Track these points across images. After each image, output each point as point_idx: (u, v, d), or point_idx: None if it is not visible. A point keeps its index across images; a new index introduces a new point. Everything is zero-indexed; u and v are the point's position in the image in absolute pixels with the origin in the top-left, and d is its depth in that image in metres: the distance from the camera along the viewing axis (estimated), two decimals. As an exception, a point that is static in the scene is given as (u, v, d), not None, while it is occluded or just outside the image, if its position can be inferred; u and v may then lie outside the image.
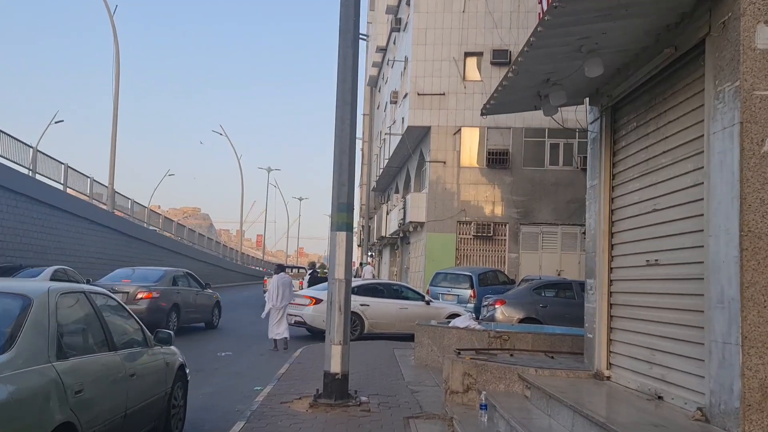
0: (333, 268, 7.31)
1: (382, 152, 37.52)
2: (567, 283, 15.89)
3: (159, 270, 16.63)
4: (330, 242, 7.37)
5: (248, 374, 10.33)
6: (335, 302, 7.22)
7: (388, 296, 16.11)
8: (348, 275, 7.32)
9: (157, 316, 14.31)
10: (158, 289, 14.85)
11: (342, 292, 7.24)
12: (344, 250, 7.31)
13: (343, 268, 7.28)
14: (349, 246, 7.37)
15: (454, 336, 10.40)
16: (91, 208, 26.01)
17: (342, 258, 7.30)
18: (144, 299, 14.35)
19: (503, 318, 14.59)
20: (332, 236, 7.35)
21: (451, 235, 25.29)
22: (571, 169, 25.13)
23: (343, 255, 7.30)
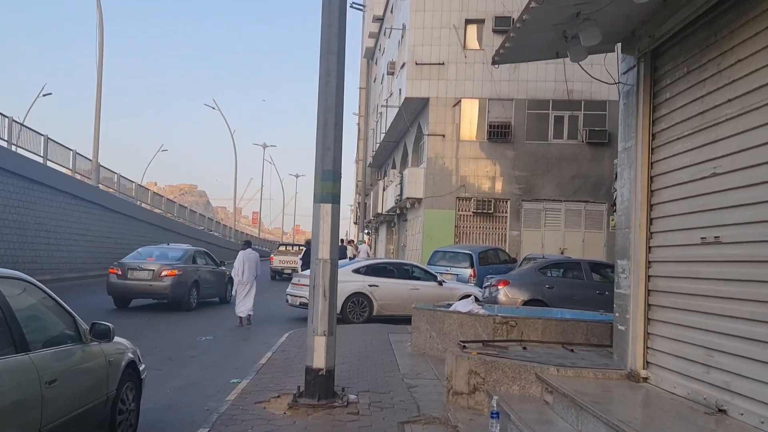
0: (316, 247, 6.21)
1: (379, 126, 36.24)
2: (575, 262, 14.83)
3: (180, 249, 17.23)
4: (313, 216, 6.26)
5: (227, 363, 9.28)
6: (318, 286, 6.13)
7: (398, 276, 15.15)
8: (334, 255, 6.23)
9: (180, 292, 15.30)
10: (181, 267, 15.55)
11: (327, 275, 6.15)
12: (330, 226, 6.20)
13: (329, 246, 6.18)
14: (336, 220, 6.26)
15: (455, 321, 9.35)
16: (73, 182, 24.82)
17: (327, 234, 6.19)
18: (168, 276, 15.10)
19: (507, 300, 13.55)
20: (315, 209, 6.23)
21: (449, 212, 24.20)
22: (576, 142, 23.97)
23: (328, 231, 6.19)
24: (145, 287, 15.13)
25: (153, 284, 15.03)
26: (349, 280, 14.07)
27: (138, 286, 15.17)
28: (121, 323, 12.38)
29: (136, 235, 31.37)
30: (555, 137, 24.14)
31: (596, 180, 23.74)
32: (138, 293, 15.41)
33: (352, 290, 14.12)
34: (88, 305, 16.23)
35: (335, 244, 6.24)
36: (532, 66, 23.80)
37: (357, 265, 15.17)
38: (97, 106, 26.89)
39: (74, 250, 24.64)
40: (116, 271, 15.37)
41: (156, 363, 9.04)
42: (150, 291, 15.23)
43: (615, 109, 24.52)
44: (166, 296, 15.26)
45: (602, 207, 23.76)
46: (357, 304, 14.21)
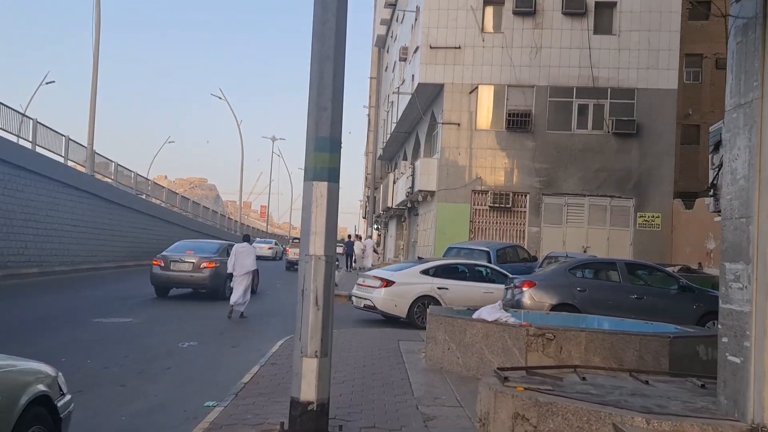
0: (306, 239, 4.69)
1: (390, 117, 34.69)
2: (610, 262, 13.23)
3: (215, 243, 18.59)
4: (303, 198, 4.73)
5: (206, 377, 7.79)
6: (309, 291, 4.60)
7: (470, 278, 13.89)
8: (330, 250, 4.70)
9: (217, 283, 16.26)
10: (218, 260, 16.38)
11: (320, 277, 4.62)
12: (325, 211, 4.67)
13: (323, 238, 4.65)
14: (334, 204, 4.74)
15: (480, 332, 7.82)
16: (65, 169, 23.41)
17: (321, 223, 4.66)
18: (207, 268, 16.15)
19: (532, 304, 11.99)
20: (306, 189, 4.71)
21: (464, 206, 22.66)
22: (602, 133, 22.34)
23: (323, 218, 4.66)
24: (186, 278, 16.23)
25: (193, 275, 16.15)
26: (417, 281, 13.17)
27: (179, 277, 16.26)
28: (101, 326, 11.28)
29: (134, 227, 30.02)
30: (579, 127, 22.53)
31: (623, 173, 22.12)
32: (179, 283, 16.49)
33: (419, 293, 13.02)
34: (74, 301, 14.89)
35: (332, 237, 4.71)
36: (555, 51, 22.23)
37: (426, 266, 13.87)
38: (92, 89, 25.48)
39: (66, 241, 23.26)
40: (159, 262, 16.39)
41: (122, 377, 7.58)
42: (190, 281, 16.32)
43: (644, 98, 22.96)
44: (205, 286, 16.34)
45: (629, 203, 22.14)
46: (425, 307, 12.57)
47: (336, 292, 18.76)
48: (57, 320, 11.98)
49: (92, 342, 9.96)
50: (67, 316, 12.65)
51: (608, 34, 22.29)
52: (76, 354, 8.83)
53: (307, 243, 4.67)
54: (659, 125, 22.03)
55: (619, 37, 22.18)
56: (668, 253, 21.42)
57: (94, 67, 25.44)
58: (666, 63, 21.96)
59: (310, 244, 4.65)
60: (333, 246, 4.72)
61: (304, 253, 4.68)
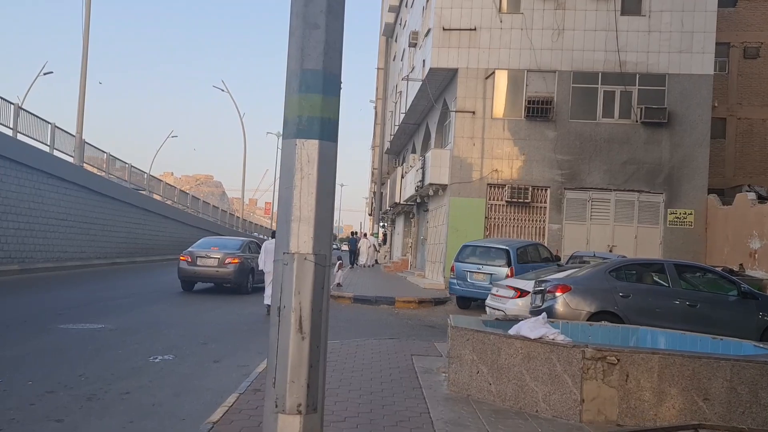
0: (285, 229, 3.00)
1: (398, 107, 33.02)
2: (657, 264, 11.50)
3: (238, 239, 19.20)
4: (282, 166, 3.05)
5: (168, 409, 6.12)
6: (289, 310, 2.93)
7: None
8: (324, 246, 3.02)
9: (241, 278, 17.08)
10: (241, 256, 17.21)
11: (307, 287, 2.94)
12: (315, 185, 2.99)
13: (311, 226, 2.97)
14: (329, 175, 3.06)
15: (520, 353, 6.14)
16: (51, 159, 21.88)
17: (309, 203, 2.98)
18: (232, 264, 16.87)
19: (567, 311, 10.32)
20: (286, 151, 3.03)
21: (479, 201, 20.96)
22: (629, 122, 20.60)
23: (311, 196, 2.98)
24: (212, 273, 16.84)
25: (219, 270, 16.76)
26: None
27: (206, 272, 16.87)
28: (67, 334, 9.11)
29: (128, 222, 28.48)
30: (604, 116, 20.77)
31: (652, 166, 20.37)
32: (205, 278, 17.08)
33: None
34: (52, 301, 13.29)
35: (326, 225, 3.03)
36: (579, 33, 20.51)
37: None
38: (82, 74, 23.89)
39: (51, 236, 21.72)
40: (186, 258, 16.96)
41: (65, 406, 5.96)
42: (216, 276, 16.93)
43: (676, 84, 21.16)
44: (230, 281, 16.98)
45: (659, 198, 20.39)
46: None
47: (340, 293, 17.23)
48: (18, 325, 10.40)
49: (48, 354, 8.36)
50: (33, 320, 11.05)
51: (637, 15, 20.53)
52: (22, 370, 7.23)
53: (287, 234, 2.99)
54: (693, 114, 20.26)
55: (649, 18, 20.42)
56: (702, 252, 19.68)
57: (83, 52, 23.84)
58: (701, 46, 20.18)
59: (291, 235, 2.98)
60: (327, 239, 3.04)
61: (281, 250, 3.01)
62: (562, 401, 5.81)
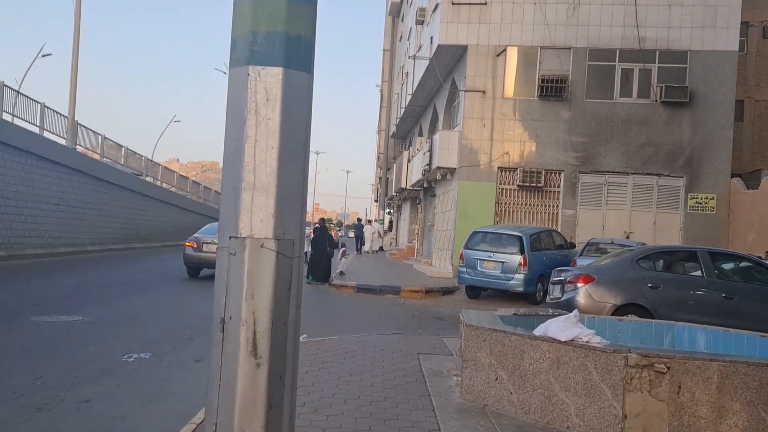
0: (231, 202, 2.02)
1: (404, 89, 31.91)
2: (689, 252, 10.47)
3: None
4: (228, 107, 2.07)
5: (124, 427, 5.16)
6: (239, 322, 1.97)
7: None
8: (290, 228, 2.04)
9: None
10: None
11: (264, 288, 1.97)
12: (278, 134, 2.00)
13: (272, 198, 2.00)
14: (299, 120, 2.07)
15: (547, 357, 5.17)
16: (40, 141, 20.94)
17: (269, 164, 2.00)
18: None
19: (590, 303, 9.35)
20: (234, 81, 2.05)
21: (489, 185, 19.93)
22: (648, 102, 19.47)
23: (273, 151, 2.00)
24: None
25: None
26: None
27: (212, 258, 16.04)
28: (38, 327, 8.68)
29: (125, 207, 27.59)
30: (622, 95, 19.65)
31: (672, 148, 19.27)
32: (211, 264, 16.11)
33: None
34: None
35: (295, 196, 2.05)
36: (595, 8, 19.35)
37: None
38: (74, 52, 22.88)
39: (41, 221, 20.84)
40: (192, 244, 16.85)
41: (5, 420, 5.02)
42: None
43: (698, 61, 19.92)
44: None
45: (679, 182, 19.32)
46: None
47: (342, 282, 16.36)
48: (-14, 318, 9.49)
49: (10, 352, 7.45)
50: (4, 312, 10.15)
51: (657, -12, 19.35)
52: (-29, 374, 6.31)
53: (234, 209, 2.01)
54: (716, 93, 19.12)
55: (671, -10, 19.24)
56: (724, 239, 18.63)
57: (75, 29, 22.81)
58: (725, 21, 18.99)
59: (240, 211, 1.99)
60: (297, 218, 2.05)
61: (226, 233, 2.02)
62: (600, 416, 4.84)
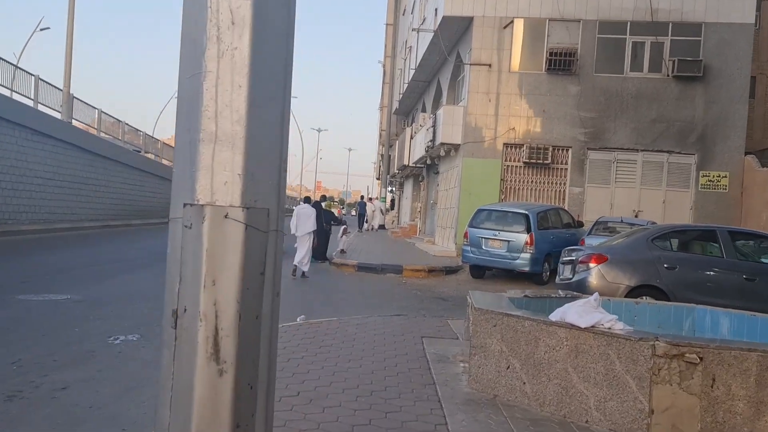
0: (186, 157, 1.55)
1: (407, 64, 31.23)
2: (708, 231, 9.96)
3: None
4: (182, 35, 1.59)
5: (101, 416, 4.74)
6: (193, 316, 1.51)
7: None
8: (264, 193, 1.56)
9: None
10: None
11: (230, 271, 1.51)
12: (248, 68, 1.52)
13: (241, 153, 1.52)
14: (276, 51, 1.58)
15: (564, 344, 4.71)
16: (35, 114, 20.40)
17: (236, 108, 1.53)
18: None
19: (603, 284, 8.90)
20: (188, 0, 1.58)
21: (494, 162, 19.39)
22: (660, 76, 18.84)
23: (242, 91, 1.53)
24: None
25: None
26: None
27: None
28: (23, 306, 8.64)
29: (124, 183, 27.13)
30: (633, 69, 19.01)
31: (684, 124, 18.68)
32: None
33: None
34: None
35: (271, 150, 1.57)
36: (606, -22, 18.63)
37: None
38: (69, 24, 22.24)
39: (37, 197, 20.39)
40: None
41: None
42: None
43: (713, 34, 19.22)
44: None
45: (690, 159, 18.76)
46: None
47: (343, 261, 15.90)
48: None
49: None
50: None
51: (671, -43, 18.62)
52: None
53: (191, 167, 1.52)
54: (730, 67, 18.47)
55: (686, -40, 18.51)
56: (737, 218, 18.12)
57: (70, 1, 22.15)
58: (741, -9, 18.30)
59: (197, 170, 1.51)
60: (274, 180, 1.57)
61: (180, 199, 1.54)
62: (623, 410, 4.40)
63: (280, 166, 1.56)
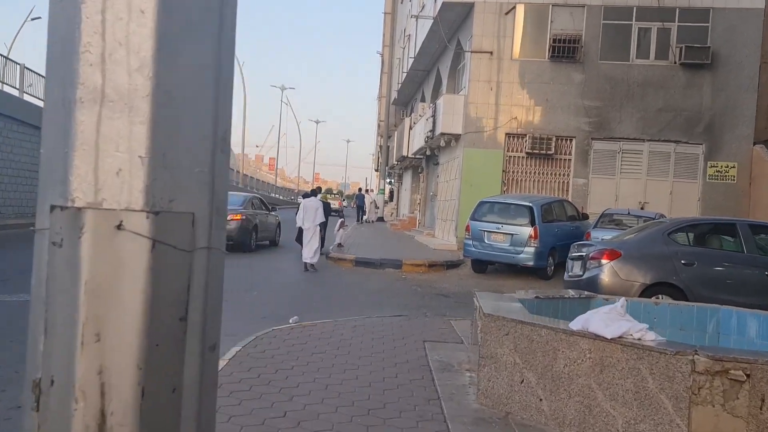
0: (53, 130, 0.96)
1: (406, 53, 30.54)
2: (727, 224, 9.38)
3: (240, 195, 18.17)
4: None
5: None
6: (66, 392, 0.93)
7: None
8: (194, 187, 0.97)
9: (244, 235, 16.20)
10: (244, 212, 16.40)
11: (127, 317, 0.92)
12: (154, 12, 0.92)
13: (144, 118, 0.94)
14: None
15: (587, 356, 4.14)
16: (20, 104, 19.74)
17: (137, 42, 0.94)
18: (233, 220, 15.78)
19: (616, 282, 8.33)
20: None
21: (496, 152, 18.77)
22: (667, 63, 18.20)
23: (146, 16, 0.94)
24: None
25: None
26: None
27: None
28: None
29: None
30: (639, 56, 18.38)
31: (691, 113, 18.07)
32: None
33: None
34: None
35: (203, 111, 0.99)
36: (612, -38, 17.97)
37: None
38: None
39: (23, 189, 19.74)
40: None
41: None
42: None
43: (721, 19, 18.51)
44: (232, 239, 15.64)
45: (698, 149, 18.16)
46: None
47: (340, 255, 15.25)
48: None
49: None
50: None
51: (679, -60, 17.96)
52: None
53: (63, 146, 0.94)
54: (739, 54, 17.84)
55: (694, -58, 17.85)
56: (746, 210, 17.55)
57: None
58: (751, -25, 17.65)
59: (73, 149, 0.92)
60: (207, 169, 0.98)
61: (47, 199, 0.95)
62: (656, 434, 3.83)
63: (214, 142, 0.97)
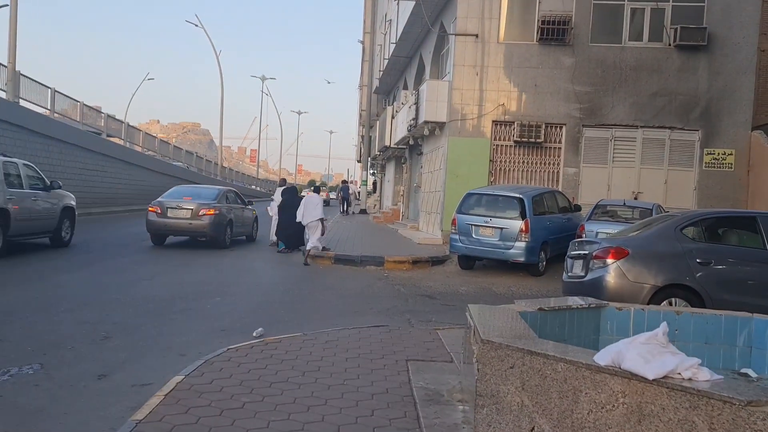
0: None
1: (388, 39, 29.44)
2: (746, 217, 8.44)
3: (213, 189, 17.76)
4: None
5: None
6: None
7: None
8: None
9: (218, 230, 15.82)
10: (217, 207, 15.90)
11: None
12: None
13: None
14: None
15: (621, 401, 3.13)
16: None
17: None
18: (206, 215, 15.52)
19: (624, 285, 7.39)
20: None
21: (482, 141, 17.80)
22: (661, 46, 17.31)
23: None
24: (184, 225, 15.59)
25: (192, 223, 15.50)
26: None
27: (177, 225, 15.63)
28: None
29: (82, 168, 25.13)
30: (631, 38, 17.46)
31: (687, 98, 17.21)
32: (177, 231, 15.88)
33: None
34: None
35: None
36: (602, -62, 17.01)
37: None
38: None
39: None
40: (155, 209, 15.63)
41: None
42: (189, 229, 15.71)
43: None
44: (205, 234, 15.81)
45: (693, 135, 17.32)
46: None
47: (318, 254, 14.12)
48: None
49: None
50: None
51: None
52: None
53: None
54: (736, 35, 16.99)
55: None
56: (744, 199, 16.78)
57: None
58: (749, -48, 16.77)
59: None
60: None
61: None
62: None
63: None
